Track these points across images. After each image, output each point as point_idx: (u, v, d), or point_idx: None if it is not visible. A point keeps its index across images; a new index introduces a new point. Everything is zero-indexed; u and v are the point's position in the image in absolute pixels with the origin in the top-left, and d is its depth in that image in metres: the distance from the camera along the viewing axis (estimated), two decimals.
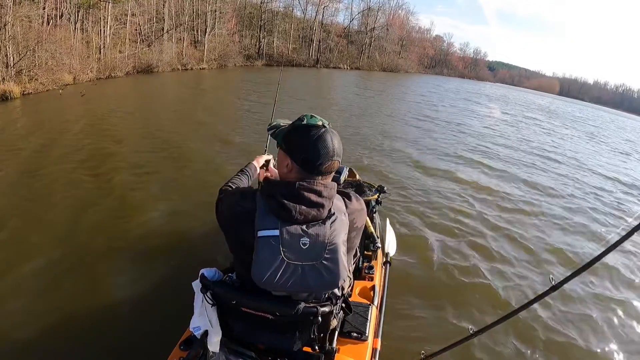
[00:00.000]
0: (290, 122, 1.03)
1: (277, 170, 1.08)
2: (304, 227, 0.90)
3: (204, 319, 1.02)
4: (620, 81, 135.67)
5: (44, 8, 11.46)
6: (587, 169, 7.64)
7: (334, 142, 0.95)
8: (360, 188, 2.48)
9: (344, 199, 1.01)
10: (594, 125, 19.46)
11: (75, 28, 12.45)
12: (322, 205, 0.93)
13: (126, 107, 8.01)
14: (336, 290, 1.02)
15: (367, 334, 1.37)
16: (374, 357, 1.37)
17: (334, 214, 0.94)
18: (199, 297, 1.03)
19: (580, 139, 12.69)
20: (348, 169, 2.67)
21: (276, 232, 0.89)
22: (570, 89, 70.83)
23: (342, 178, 2.22)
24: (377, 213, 2.49)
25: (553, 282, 1.15)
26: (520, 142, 9.27)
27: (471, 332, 1.41)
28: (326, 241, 0.90)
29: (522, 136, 10.30)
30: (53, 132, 5.70)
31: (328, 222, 0.92)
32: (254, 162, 1.45)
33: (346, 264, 0.93)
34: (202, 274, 1.04)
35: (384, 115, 10.51)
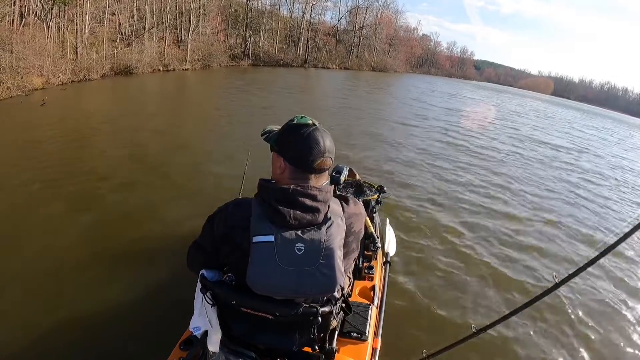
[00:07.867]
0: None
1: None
2: (299, 232, 0.90)
3: (204, 319, 1.02)
4: (605, 79, 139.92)
5: (14, 4, 10.74)
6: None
7: (325, 139, 0.96)
8: (360, 188, 2.47)
9: (341, 203, 1.00)
10: None
11: (49, 26, 11.81)
12: (317, 210, 0.93)
13: (81, 124, 6.57)
14: (335, 292, 1.02)
15: (367, 334, 1.37)
16: (374, 357, 1.37)
17: (329, 218, 0.93)
18: (198, 297, 1.03)
19: None
20: (348, 168, 2.65)
21: (271, 238, 0.88)
22: (557, 87, 72.74)
23: (342, 178, 2.19)
24: (377, 213, 2.48)
25: (556, 280, 1.15)
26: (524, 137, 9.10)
27: (474, 330, 1.41)
28: (322, 246, 0.89)
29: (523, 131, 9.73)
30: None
31: (324, 227, 0.91)
32: None
33: (343, 268, 0.93)
34: (202, 274, 1.03)
35: (384, 120, 10.29)
